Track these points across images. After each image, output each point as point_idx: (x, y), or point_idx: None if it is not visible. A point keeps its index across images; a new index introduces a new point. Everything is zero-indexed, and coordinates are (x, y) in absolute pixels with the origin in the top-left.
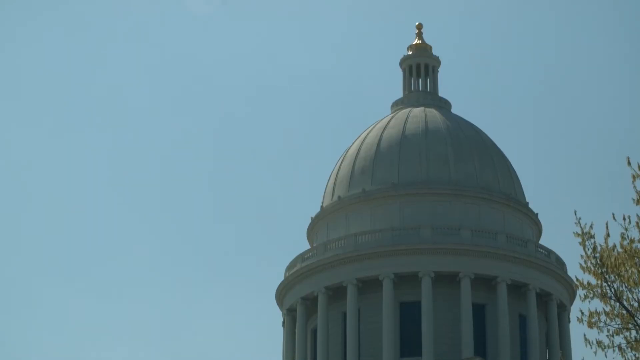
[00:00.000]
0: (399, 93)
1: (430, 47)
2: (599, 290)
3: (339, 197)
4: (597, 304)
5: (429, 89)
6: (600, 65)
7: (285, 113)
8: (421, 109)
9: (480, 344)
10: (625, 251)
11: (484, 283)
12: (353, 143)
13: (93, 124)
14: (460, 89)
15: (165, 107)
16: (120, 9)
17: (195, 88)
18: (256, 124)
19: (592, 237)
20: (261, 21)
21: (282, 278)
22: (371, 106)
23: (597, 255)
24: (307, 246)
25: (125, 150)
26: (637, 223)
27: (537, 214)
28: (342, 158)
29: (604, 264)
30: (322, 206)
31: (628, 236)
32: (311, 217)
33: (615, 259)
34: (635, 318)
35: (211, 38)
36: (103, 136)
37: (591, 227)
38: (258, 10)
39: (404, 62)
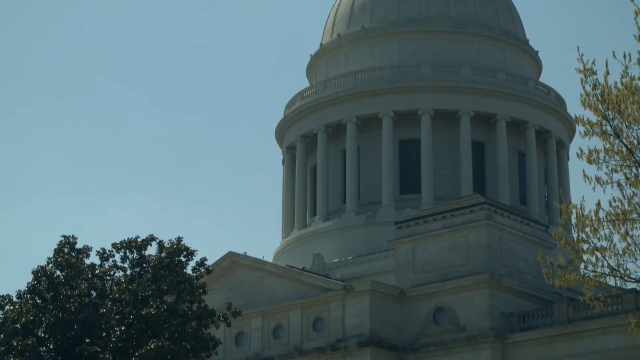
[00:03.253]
0: None
1: None
2: (599, 127)
3: (339, 34)
4: (596, 142)
5: None
6: None
7: None
8: None
9: (479, 182)
10: (626, 88)
11: (483, 121)
12: None
13: None
14: None
15: None
16: None
17: None
18: None
19: (594, 73)
20: None
21: (282, 116)
22: None
23: (598, 92)
24: (306, 84)
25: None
26: (638, 60)
27: (537, 51)
28: None
29: (604, 100)
30: (321, 44)
31: (629, 73)
32: (310, 55)
33: (615, 96)
34: (635, 155)
35: None
36: None
37: (593, 63)
38: None
39: None
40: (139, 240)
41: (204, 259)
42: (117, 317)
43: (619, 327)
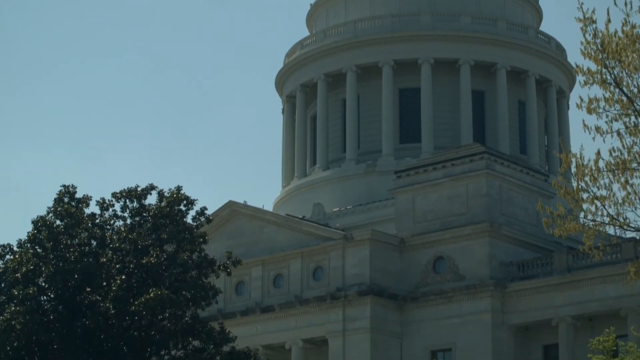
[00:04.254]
0: None
1: None
2: (599, 77)
3: None
4: (596, 91)
5: None
6: None
7: None
8: None
9: (479, 131)
10: (627, 36)
11: (484, 70)
12: None
13: None
14: None
15: None
16: None
17: None
18: None
19: (594, 22)
20: None
21: (281, 65)
22: None
23: (598, 41)
24: (306, 33)
25: None
26: (639, 8)
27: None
28: None
29: (604, 49)
30: None
31: (629, 22)
32: (310, 4)
33: (616, 44)
34: (635, 104)
35: None
36: None
37: (593, 12)
38: None
39: None
40: (138, 189)
41: (204, 208)
42: (117, 266)
43: (618, 275)
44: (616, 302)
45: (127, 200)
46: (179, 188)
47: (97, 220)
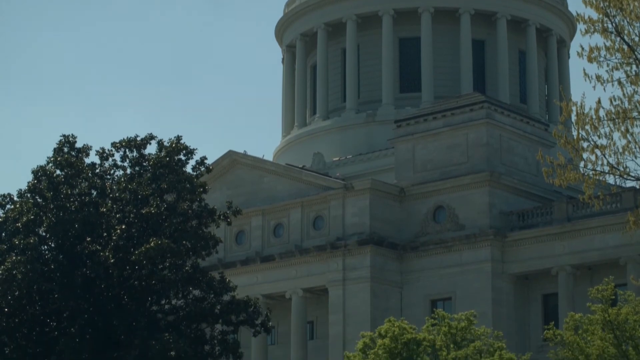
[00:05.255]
0: None
1: None
2: (600, 25)
3: None
4: (597, 39)
5: None
6: None
7: None
8: None
9: (480, 80)
10: None
11: (484, 19)
12: None
13: None
14: None
15: None
16: None
17: None
18: None
19: None
20: None
21: (281, 14)
22: None
23: None
24: None
25: None
26: None
27: None
28: None
29: None
30: None
31: None
32: None
33: None
34: (636, 52)
35: None
36: None
37: None
38: None
39: None
40: (138, 139)
41: (203, 158)
42: (117, 216)
43: (618, 225)
44: (615, 251)
45: (127, 150)
46: (178, 138)
47: (97, 170)
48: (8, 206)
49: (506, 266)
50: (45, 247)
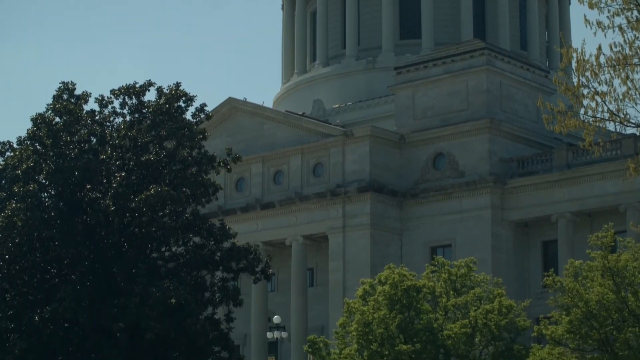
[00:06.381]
0: None
1: None
2: None
3: None
4: None
5: None
6: None
7: None
8: None
9: (480, 27)
10: None
11: None
12: None
13: None
14: None
15: None
16: None
17: None
18: None
19: None
20: None
21: None
22: None
23: None
24: None
25: None
26: None
27: None
28: None
29: None
30: None
31: None
32: None
33: None
34: None
35: None
36: None
37: None
38: None
39: None
40: (137, 86)
41: (203, 105)
42: (117, 163)
43: (618, 172)
44: (615, 198)
45: (126, 97)
46: (177, 85)
47: (97, 117)
48: (8, 153)
49: (506, 213)
50: (45, 194)
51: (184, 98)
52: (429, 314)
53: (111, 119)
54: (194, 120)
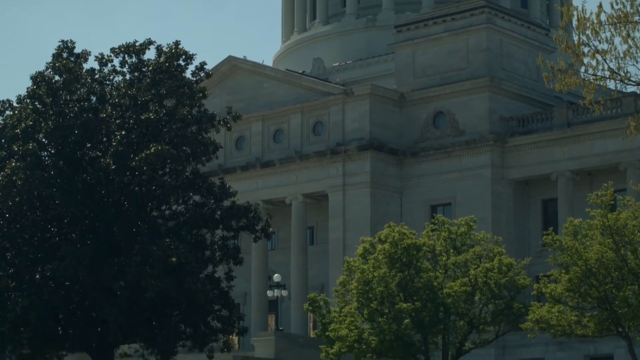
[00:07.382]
0: None
1: None
2: None
3: None
4: None
5: None
6: None
7: None
8: None
9: None
10: None
11: None
12: None
13: None
14: None
15: None
16: None
17: None
18: None
19: None
20: None
21: None
22: None
23: None
24: None
25: None
26: None
27: None
28: None
29: None
30: None
31: None
32: None
33: None
34: None
35: None
36: None
37: None
38: None
39: None
40: (137, 44)
41: (203, 63)
42: (117, 121)
43: (618, 130)
44: (615, 156)
45: (126, 56)
46: (177, 43)
47: (96, 76)
48: (7, 112)
49: (506, 171)
50: (45, 153)
51: (183, 56)
52: (428, 272)
53: (111, 77)
54: (194, 79)
